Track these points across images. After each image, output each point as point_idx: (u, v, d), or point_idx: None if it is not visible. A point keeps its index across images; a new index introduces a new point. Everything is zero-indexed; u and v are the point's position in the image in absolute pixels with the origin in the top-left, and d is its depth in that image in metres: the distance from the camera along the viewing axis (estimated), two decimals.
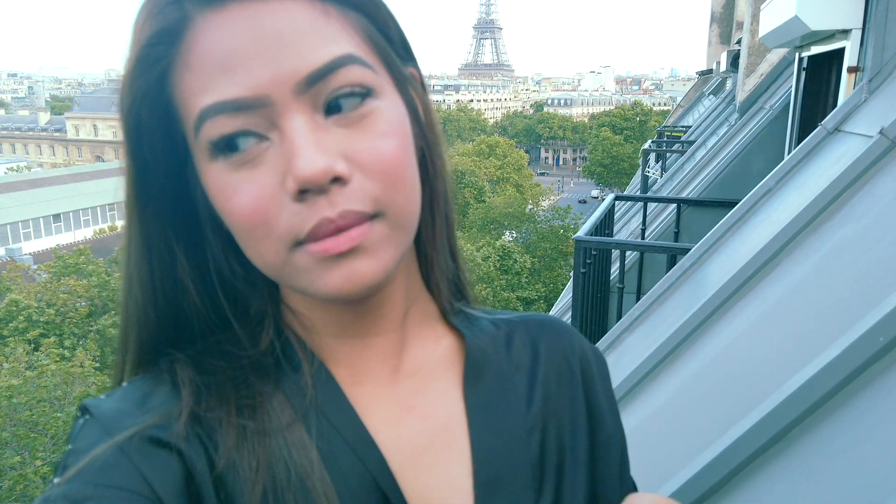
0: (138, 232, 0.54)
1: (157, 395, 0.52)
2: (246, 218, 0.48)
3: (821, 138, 2.71)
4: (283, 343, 0.56)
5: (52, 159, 71.65)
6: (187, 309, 0.56)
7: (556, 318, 0.70)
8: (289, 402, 0.53)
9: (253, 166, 0.48)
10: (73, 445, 0.49)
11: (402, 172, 0.50)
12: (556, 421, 0.62)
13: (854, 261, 1.66)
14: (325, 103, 0.48)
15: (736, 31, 9.65)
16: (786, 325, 1.76)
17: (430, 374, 0.60)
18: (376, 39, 0.52)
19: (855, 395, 1.19)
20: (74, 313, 17.58)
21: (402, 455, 0.55)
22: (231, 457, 0.49)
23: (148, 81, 0.49)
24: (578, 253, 3.43)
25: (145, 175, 0.52)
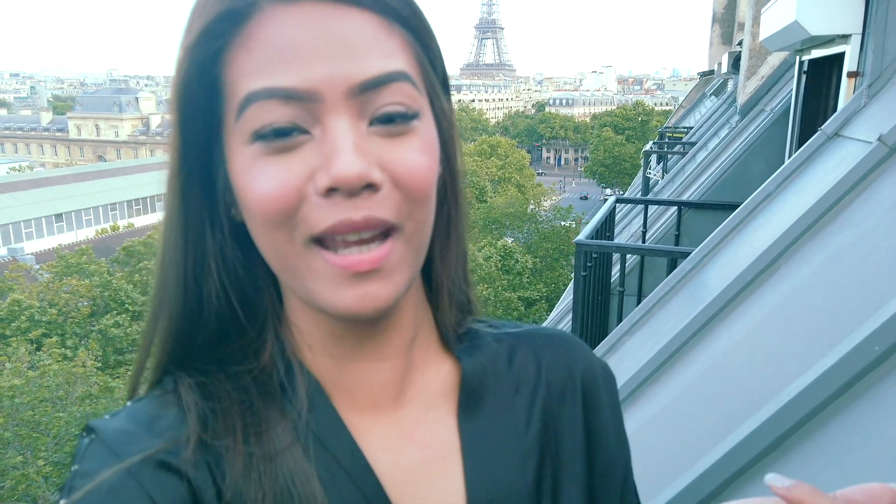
0: (179, 204, 0.53)
1: (164, 419, 0.52)
2: (266, 201, 0.48)
3: (820, 143, 2.72)
4: (284, 362, 0.56)
5: (54, 159, 71.73)
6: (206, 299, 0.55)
7: (564, 334, 0.69)
8: (290, 426, 0.53)
9: (287, 156, 0.49)
10: (80, 466, 0.49)
11: (427, 191, 0.52)
12: (554, 442, 0.62)
13: (852, 267, 1.67)
14: (371, 114, 0.49)
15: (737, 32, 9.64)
16: (785, 331, 1.77)
17: (429, 403, 0.60)
18: (424, 66, 0.54)
19: (851, 404, 1.20)
20: (76, 313, 17.61)
21: (398, 483, 0.55)
22: (238, 486, 0.50)
23: (205, 54, 0.49)
24: (579, 256, 3.44)
25: (189, 146, 0.52)
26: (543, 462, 0.60)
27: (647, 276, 4.11)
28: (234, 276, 0.56)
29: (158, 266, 0.56)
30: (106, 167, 49.27)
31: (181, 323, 0.55)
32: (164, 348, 0.56)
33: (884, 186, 1.85)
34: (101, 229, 38.85)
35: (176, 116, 0.51)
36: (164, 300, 0.55)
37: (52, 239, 36.76)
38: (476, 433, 0.59)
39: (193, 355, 0.56)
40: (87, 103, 71.50)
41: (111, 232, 36.79)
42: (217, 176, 0.53)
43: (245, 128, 0.49)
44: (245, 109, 0.48)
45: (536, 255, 25.79)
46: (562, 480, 0.60)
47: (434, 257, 0.60)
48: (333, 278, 0.49)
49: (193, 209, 0.54)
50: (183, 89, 0.50)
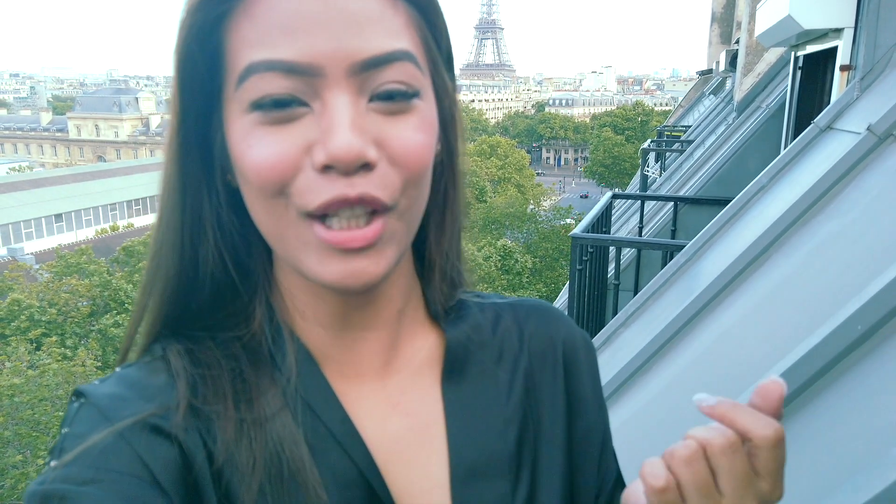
0: (178, 167, 0.53)
1: (154, 385, 0.52)
2: (262, 171, 0.48)
3: (813, 136, 2.75)
4: (274, 329, 0.56)
5: (54, 159, 71.74)
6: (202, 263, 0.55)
7: (546, 304, 0.70)
8: (280, 393, 0.54)
9: (285, 127, 0.48)
10: (70, 429, 0.49)
11: (423, 169, 0.51)
12: (535, 408, 0.63)
13: (839, 254, 1.69)
14: (372, 91, 0.49)
15: (736, 31, 9.67)
16: (774, 317, 1.80)
17: (415, 372, 0.61)
18: (429, 44, 0.54)
19: (833, 383, 1.22)
20: (76, 313, 17.63)
21: (385, 450, 0.56)
22: (230, 451, 0.50)
23: (206, 18, 0.49)
24: (575, 250, 3.46)
25: (187, 110, 0.52)
26: (525, 428, 0.62)
27: (643, 270, 4.13)
28: (229, 241, 0.56)
29: (156, 230, 0.56)
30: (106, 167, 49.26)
31: (177, 286, 0.55)
32: (159, 313, 0.56)
33: (871, 175, 1.87)
34: (101, 229, 38.86)
35: (176, 80, 0.51)
36: (161, 264, 0.55)
37: (51, 239, 36.77)
38: (459, 401, 0.61)
39: (186, 322, 0.57)
40: (87, 103, 71.50)
41: (111, 232, 36.80)
42: (215, 142, 0.53)
43: (244, 97, 0.49)
44: (245, 80, 0.48)
45: (536, 255, 25.81)
46: (542, 446, 0.62)
47: (428, 234, 0.60)
48: (323, 252, 0.49)
49: (191, 173, 0.53)
50: (184, 52, 0.50)
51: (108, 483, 0.46)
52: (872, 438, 1.03)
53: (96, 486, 0.46)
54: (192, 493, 0.49)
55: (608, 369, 2.51)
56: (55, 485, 0.46)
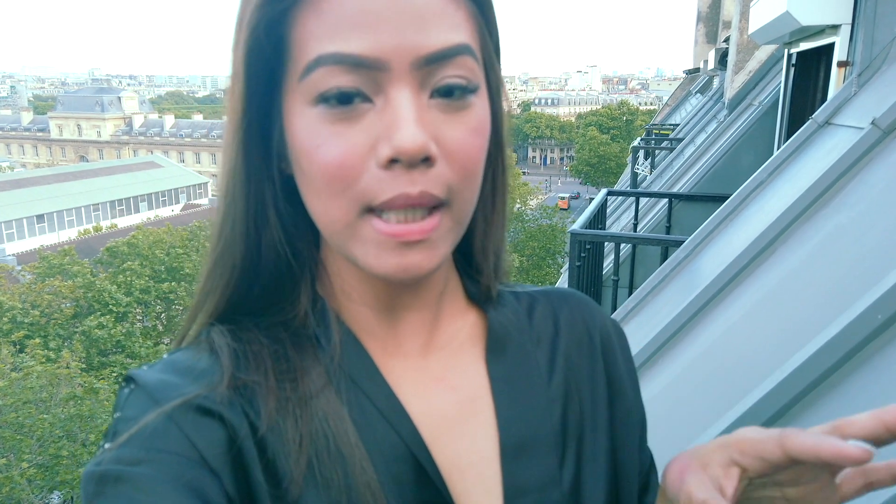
0: (242, 156, 0.54)
1: (199, 365, 0.54)
2: (330, 170, 0.49)
3: (812, 131, 2.76)
4: (319, 312, 0.58)
5: (36, 159, 70.84)
6: (265, 249, 0.57)
7: (576, 292, 0.71)
8: (324, 372, 0.55)
9: (349, 123, 0.49)
10: (122, 413, 0.51)
11: (477, 171, 0.53)
12: (576, 392, 0.64)
13: (850, 246, 1.69)
14: (434, 85, 0.50)
15: (722, 30, 9.74)
16: (783, 311, 1.80)
17: (457, 349, 0.62)
18: (485, 39, 0.55)
19: (853, 373, 1.22)
20: (59, 314, 17.41)
21: (432, 424, 0.57)
22: (273, 421, 0.51)
23: (275, 10, 0.50)
24: (573, 247, 3.46)
25: (252, 101, 0.53)
26: (568, 409, 0.62)
27: (638, 267, 4.15)
28: (286, 227, 0.57)
29: (221, 218, 0.57)
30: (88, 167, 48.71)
31: (242, 271, 0.57)
32: (222, 297, 0.57)
33: (878, 168, 1.88)
34: (84, 230, 38.45)
35: (241, 71, 0.52)
36: (226, 250, 0.56)
37: (33, 240, 36.35)
38: (504, 377, 0.61)
39: (243, 307, 0.58)
40: (69, 103, 70.67)
41: (94, 233, 36.40)
42: (273, 131, 0.54)
43: (310, 89, 0.49)
44: (312, 71, 0.49)
45: (523, 254, 25.86)
46: (586, 427, 0.63)
47: (477, 226, 0.62)
48: (380, 245, 0.50)
49: (254, 161, 0.55)
50: (252, 44, 0.51)
51: (158, 463, 0.48)
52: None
53: (147, 466, 0.47)
54: (239, 468, 0.50)
55: None
56: (109, 465, 0.48)
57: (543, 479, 0.58)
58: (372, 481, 0.51)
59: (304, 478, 0.50)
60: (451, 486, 0.55)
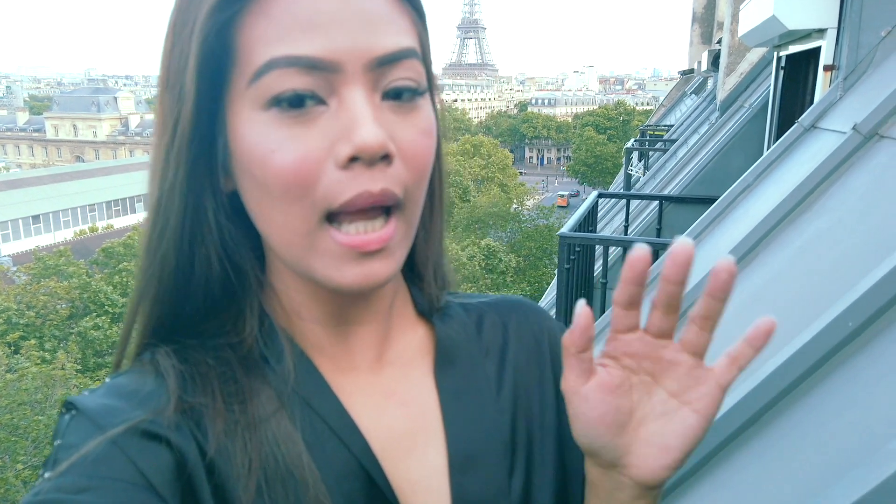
0: (186, 171, 0.52)
1: (143, 389, 0.52)
2: (287, 175, 0.48)
3: (798, 135, 2.78)
4: (266, 332, 0.57)
5: (31, 160, 70.61)
6: (198, 266, 0.55)
7: (525, 300, 0.73)
8: (274, 393, 0.54)
9: (304, 126, 0.49)
10: (63, 440, 0.49)
11: (428, 172, 0.54)
12: (525, 400, 0.64)
13: (827, 252, 1.71)
14: (384, 87, 0.50)
15: (717, 31, 9.77)
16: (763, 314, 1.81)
17: (407, 363, 0.62)
18: (425, 46, 0.56)
19: (825, 378, 1.23)
20: (55, 315, 17.35)
21: (383, 440, 0.57)
22: (221, 444, 0.50)
23: (224, 16, 0.49)
24: (562, 249, 3.47)
25: (201, 111, 0.51)
26: (517, 417, 0.63)
27: None
28: (226, 244, 0.56)
29: (152, 233, 0.55)
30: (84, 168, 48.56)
31: (172, 289, 0.55)
32: (152, 316, 0.56)
33: (858, 173, 1.90)
34: (80, 231, 38.34)
35: (193, 84, 0.50)
36: (157, 266, 0.55)
37: (29, 240, 36.22)
38: (453, 391, 0.62)
39: (177, 329, 0.56)
40: (65, 103, 70.43)
41: (90, 233, 36.32)
42: (217, 144, 0.53)
43: (261, 93, 0.49)
44: (263, 75, 0.48)
45: (520, 255, 25.87)
46: (535, 434, 0.63)
47: (419, 233, 0.61)
48: (339, 257, 0.50)
49: (198, 176, 0.53)
50: (204, 54, 0.50)
51: (103, 490, 0.46)
52: (866, 434, 1.04)
53: (91, 494, 0.45)
54: (188, 493, 0.49)
55: None
56: (50, 495, 0.45)
57: (492, 490, 0.59)
58: (324, 501, 0.51)
59: (253, 502, 0.50)
60: (402, 501, 0.56)
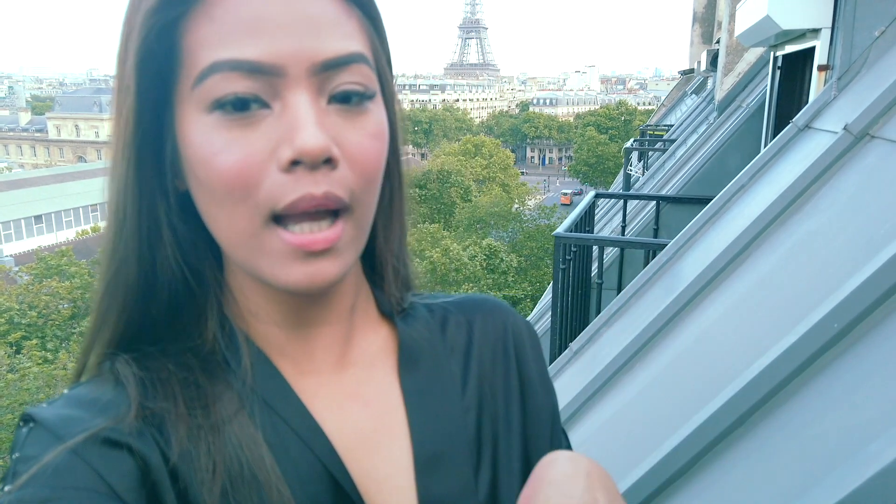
0: (134, 173, 0.53)
1: (103, 398, 0.52)
2: (229, 177, 0.49)
3: (792, 135, 2.78)
4: (227, 335, 0.57)
5: (34, 160, 70.74)
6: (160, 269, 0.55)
7: (490, 297, 0.73)
8: (236, 397, 0.54)
9: (247, 129, 0.49)
10: (21, 453, 0.48)
11: (377, 175, 0.54)
12: (490, 397, 0.65)
13: (817, 253, 1.71)
14: (330, 91, 0.51)
15: (717, 31, 9.76)
16: (753, 316, 1.81)
17: (370, 364, 0.62)
18: (377, 50, 0.56)
19: (811, 380, 1.23)
20: (57, 315, 17.39)
21: (347, 441, 0.57)
22: (184, 449, 0.50)
23: (166, 18, 0.49)
24: (558, 249, 3.48)
25: (144, 113, 0.51)
26: (482, 415, 0.64)
27: (626, 269, 4.16)
28: (182, 246, 0.56)
29: (112, 239, 0.55)
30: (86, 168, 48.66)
31: (136, 294, 0.55)
32: (118, 323, 0.56)
33: (849, 174, 1.90)
34: (82, 231, 38.41)
35: (133, 82, 0.51)
36: (120, 271, 0.55)
37: (31, 241, 36.30)
38: (417, 390, 0.62)
39: (141, 336, 0.56)
40: (67, 103, 70.57)
41: (92, 233, 36.36)
42: (165, 144, 0.53)
43: (205, 96, 0.49)
44: (206, 78, 0.49)
45: (521, 254, 25.87)
46: (500, 431, 0.64)
47: (377, 235, 0.62)
48: (286, 256, 0.50)
49: (147, 176, 0.53)
50: (144, 54, 0.50)
51: (66, 500, 0.45)
52: (848, 436, 1.04)
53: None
54: (153, 499, 0.49)
55: (591, 368, 2.52)
56: None
57: (459, 489, 0.59)
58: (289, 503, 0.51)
59: None
60: (367, 502, 0.56)
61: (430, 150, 65.53)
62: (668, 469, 1.41)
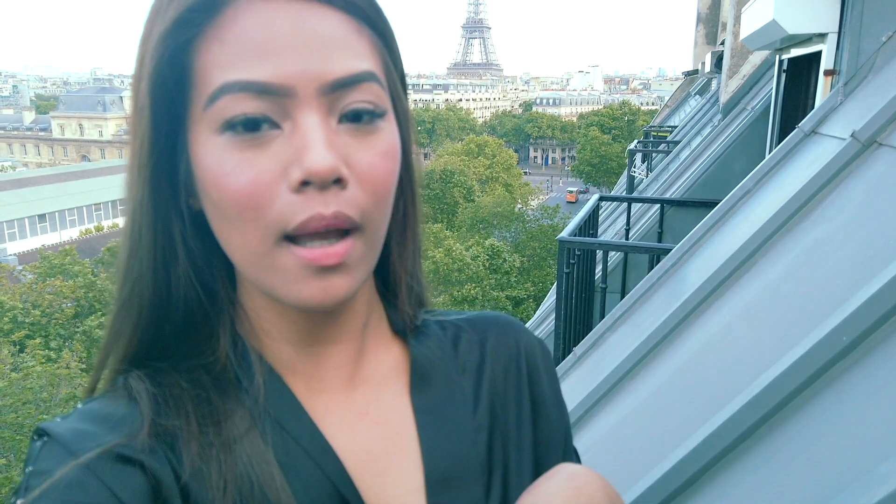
0: (149, 193, 0.53)
1: (116, 414, 0.52)
2: (240, 197, 0.49)
3: (798, 140, 2.76)
4: (239, 352, 0.57)
5: (38, 159, 70.93)
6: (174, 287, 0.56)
7: (503, 316, 0.73)
8: (247, 414, 0.54)
9: (258, 150, 0.49)
10: (34, 467, 0.49)
11: (387, 194, 0.54)
12: (502, 417, 0.64)
13: (823, 262, 1.70)
14: (341, 111, 0.51)
15: (721, 32, 9.73)
16: (759, 325, 1.80)
17: (381, 383, 0.62)
18: (389, 69, 0.56)
19: (819, 394, 1.22)
20: (60, 314, 17.43)
21: (357, 460, 0.57)
22: (196, 466, 0.51)
23: (178, 42, 0.50)
24: (562, 253, 3.46)
25: (159, 134, 0.52)
26: (494, 435, 0.63)
27: (630, 273, 4.15)
28: (196, 264, 0.56)
29: (128, 255, 0.55)
30: (90, 167, 48.82)
31: (151, 311, 0.56)
32: (132, 339, 0.56)
33: (856, 182, 1.88)
34: (86, 230, 38.51)
35: (147, 104, 0.51)
36: (136, 289, 0.55)
37: (35, 240, 36.42)
38: (429, 410, 0.62)
39: (154, 352, 0.57)
40: (71, 102, 70.72)
41: (95, 232, 36.45)
42: (179, 164, 0.54)
43: (216, 117, 0.50)
44: (217, 99, 0.49)
45: (524, 255, 25.85)
46: (511, 451, 0.63)
47: (391, 252, 0.62)
48: (299, 272, 0.50)
49: (162, 196, 0.54)
50: (156, 77, 0.51)
51: None
52: (858, 454, 1.03)
53: None
54: None
55: (595, 374, 2.51)
56: None
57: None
58: None
59: None
60: None
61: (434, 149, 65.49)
62: (672, 482, 1.40)
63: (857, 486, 0.93)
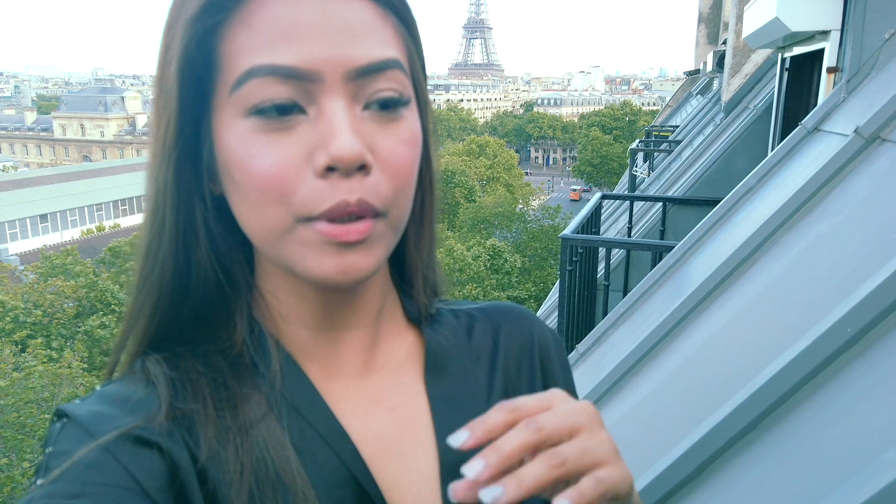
0: (174, 175, 0.54)
1: (135, 396, 0.53)
2: (265, 179, 0.50)
3: (801, 137, 2.76)
4: (256, 337, 0.58)
5: (39, 159, 71.02)
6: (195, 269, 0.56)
7: (515, 306, 0.73)
8: (264, 399, 0.55)
9: (283, 134, 0.50)
10: (54, 448, 0.50)
11: (410, 181, 0.54)
12: None
13: (828, 256, 1.70)
14: (367, 98, 0.51)
15: (723, 32, 9.73)
16: (763, 320, 1.80)
17: (396, 369, 0.63)
18: (413, 57, 0.56)
19: (823, 385, 1.22)
20: (62, 314, 17.44)
21: (372, 446, 0.57)
22: (213, 450, 0.51)
23: (206, 26, 0.50)
24: (565, 251, 3.47)
25: (185, 117, 0.53)
26: None
27: (633, 271, 4.15)
28: (216, 247, 0.57)
29: (148, 238, 0.56)
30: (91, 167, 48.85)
31: (171, 293, 0.56)
32: (152, 322, 0.57)
33: (859, 178, 1.88)
34: (87, 230, 38.50)
35: (175, 87, 0.52)
36: (156, 270, 0.56)
37: (36, 240, 36.42)
38: (443, 396, 0.62)
39: (172, 335, 0.57)
40: (72, 103, 70.78)
41: (97, 232, 36.47)
42: (203, 148, 0.54)
43: (242, 102, 0.50)
44: (244, 84, 0.49)
45: (525, 255, 25.85)
46: None
47: (408, 241, 0.63)
48: (321, 248, 0.51)
49: (186, 181, 0.54)
50: (185, 60, 0.51)
51: (96, 496, 0.46)
52: (862, 443, 1.03)
53: (85, 499, 0.46)
54: (181, 499, 0.49)
55: (598, 371, 2.51)
56: (43, 501, 0.46)
57: None
58: None
59: None
60: None
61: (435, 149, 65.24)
62: (675, 475, 1.40)
63: (862, 474, 0.94)
